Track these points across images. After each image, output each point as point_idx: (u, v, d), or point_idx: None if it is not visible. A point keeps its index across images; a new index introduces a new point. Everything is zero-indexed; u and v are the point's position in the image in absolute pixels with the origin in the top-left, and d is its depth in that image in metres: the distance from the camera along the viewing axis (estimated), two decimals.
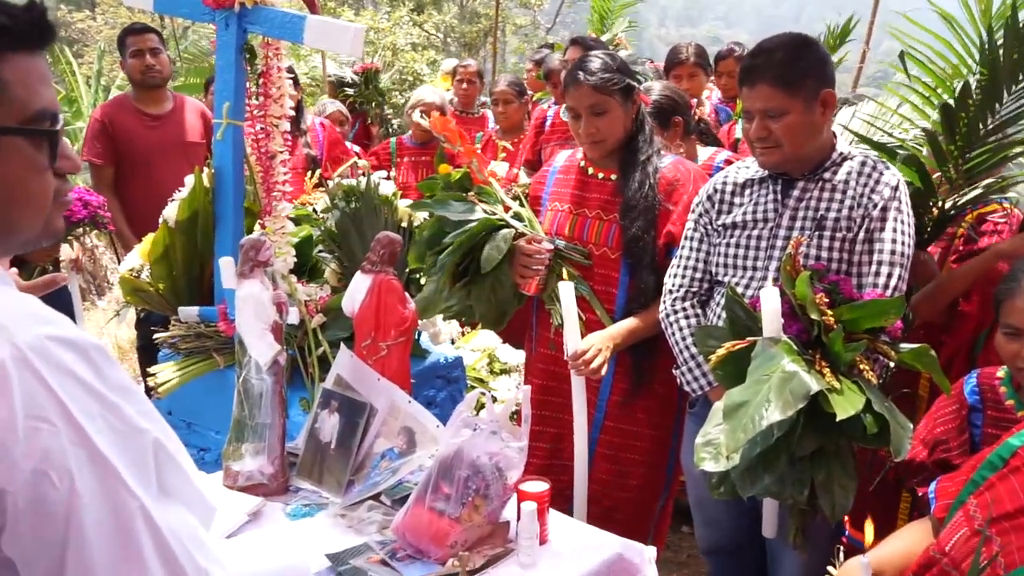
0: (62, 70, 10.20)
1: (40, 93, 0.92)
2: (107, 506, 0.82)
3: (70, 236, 3.28)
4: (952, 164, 2.32)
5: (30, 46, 0.92)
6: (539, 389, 2.49)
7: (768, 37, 2.06)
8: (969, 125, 2.25)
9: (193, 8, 2.60)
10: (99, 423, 0.83)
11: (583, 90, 2.30)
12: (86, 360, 0.84)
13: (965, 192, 2.33)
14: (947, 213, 2.34)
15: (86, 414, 0.82)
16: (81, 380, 0.83)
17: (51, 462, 0.80)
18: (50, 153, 0.94)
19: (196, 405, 2.70)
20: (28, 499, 0.80)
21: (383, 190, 2.75)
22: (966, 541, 1.38)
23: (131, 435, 0.86)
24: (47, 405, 0.81)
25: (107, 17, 14.27)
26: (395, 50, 11.88)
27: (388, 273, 2.00)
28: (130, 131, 3.82)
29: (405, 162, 4.53)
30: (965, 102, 2.23)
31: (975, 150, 2.28)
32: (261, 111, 2.60)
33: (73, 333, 0.85)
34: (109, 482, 0.83)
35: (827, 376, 1.76)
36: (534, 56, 5.74)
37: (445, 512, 1.64)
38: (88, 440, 0.82)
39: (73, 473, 0.81)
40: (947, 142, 2.30)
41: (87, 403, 0.83)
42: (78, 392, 0.82)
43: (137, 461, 0.86)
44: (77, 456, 0.81)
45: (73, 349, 0.84)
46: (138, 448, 0.86)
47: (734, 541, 2.30)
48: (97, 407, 0.84)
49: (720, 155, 2.92)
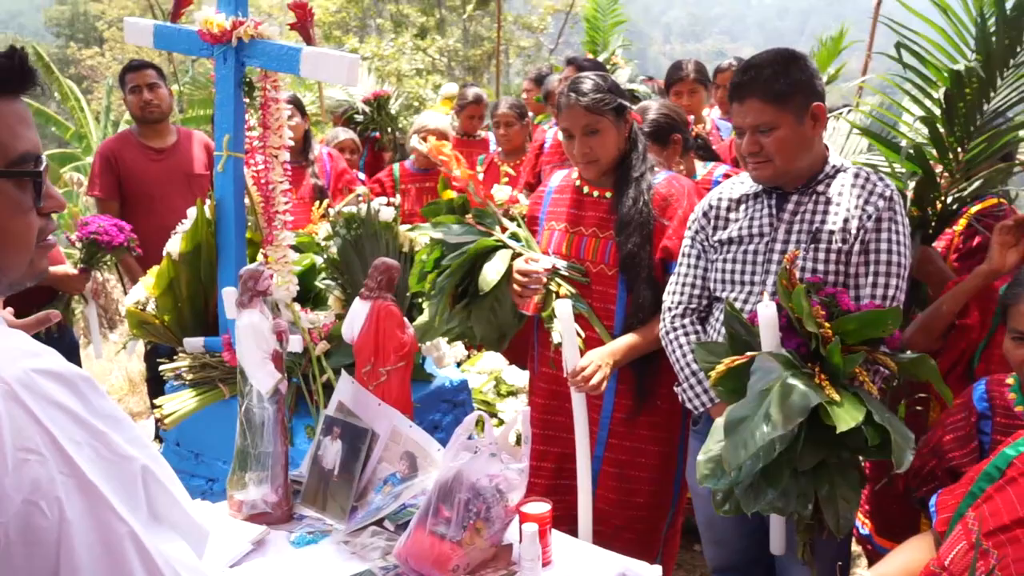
0: (71, 107, 10.37)
1: (23, 136, 0.95)
2: (96, 532, 0.84)
3: (101, 262, 3.34)
4: (952, 154, 2.31)
5: (11, 91, 0.94)
6: (542, 409, 2.49)
7: (756, 54, 2.08)
8: (967, 113, 2.25)
9: (192, 44, 2.64)
10: (87, 452, 0.85)
11: (576, 111, 2.33)
12: (73, 391, 0.86)
13: (965, 186, 2.33)
14: (949, 208, 2.34)
15: (74, 443, 0.84)
16: (68, 410, 0.85)
17: (41, 492, 0.82)
18: (35, 194, 0.96)
19: (203, 435, 2.72)
20: (19, 529, 0.81)
21: (383, 216, 2.78)
22: (964, 555, 1.37)
23: (119, 463, 0.88)
24: (35, 436, 0.82)
25: (115, 53, 14.50)
26: (399, 76, 12.00)
27: (386, 299, 2.01)
28: (134, 165, 3.87)
29: (409, 188, 4.56)
30: (961, 89, 2.23)
31: (974, 139, 2.28)
32: (261, 142, 2.63)
33: (59, 366, 0.87)
34: (98, 509, 0.84)
35: (827, 389, 1.75)
36: (530, 77, 5.77)
37: (446, 536, 1.64)
38: (76, 469, 0.83)
39: (62, 502, 0.82)
40: (947, 132, 2.30)
41: (74, 432, 0.84)
42: (65, 422, 0.84)
43: (126, 488, 0.87)
44: (66, 485, 0.83)
45: (59, 381, 0.86)
46: (126, 475, 0.88)
47: (743, 559, 2.28)
48: (85, 436, 0.85)
49: (718, 170, 2.93)
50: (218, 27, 2.53)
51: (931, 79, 2.37)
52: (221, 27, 2.52)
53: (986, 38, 2.19)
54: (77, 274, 3.25)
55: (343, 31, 14.15)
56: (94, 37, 21.13)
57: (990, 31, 2.18)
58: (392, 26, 14.59)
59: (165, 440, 2.94)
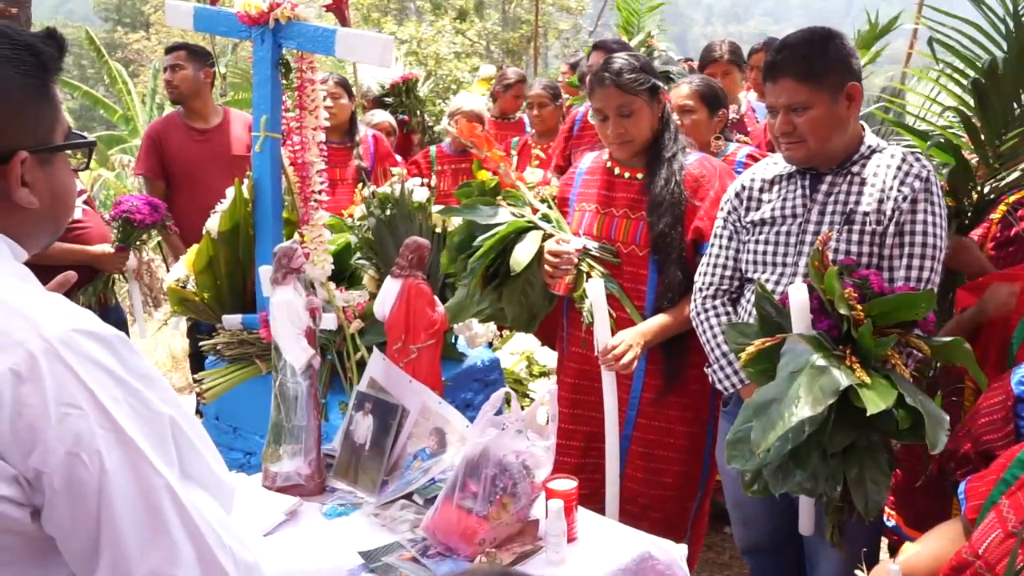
0: (119, 89, 10.58)
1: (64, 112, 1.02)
2: (135, 484, 0.89)
3: (138, 242, 3.42)
4: (988, 146, 2.28)
5: (58, 72, 1.01)
6: (571, 388, 2.51)
7: (791, 32, 2.05)
8: (1002, 105, 2.21)
9: (231, 26, 2.68)
10: (124, 408, 0.90)
11: (610, 91, 2.32)
12: (110, 350, 0.91)
13: (1003, 176, 2.28)
14: (986, 197, 2.30)
15: (112, 399, 0.89)
16: (106, 368, 0.90)
17: (82, 445, 0.87)
18: (88, 158, 1.06)
19: (241, 410, 2.79)
20: (63, 479, 0.87)
21: (417, 197, 2.80)
22: (1000, 543, 1.35)
23: (154, 419, 0.92)
24: (76, 392, 0.87)
25: (160, 37, 14.73)
26: (438, 59, 12.02)
27: (417, 277, 2.04)
28: (178, 146, 3.96)
29: (445, 169, 4.58)
30: (995, 80, 2.19)
31: (1010, 131, 2.24)
32: (297, 123, 2.67)
33: (97, 326, 0.92)
34: (136, 462, 0.89)
35: (858, 371, 1.74)
36: (569, 61, 5.75)
37: (473, 510, 1.67)
38: (115, 423, 0.88)
39: (102, 454, 0.87)
40: (981, 123, 2.27)
41: (112, 390, 0.89)
42: (104, 379, 0.89)
43: (161, 442, 0.92)
44: (105, 438, 0.88)
45: (98, 340, 0.90)
46: (160, 430, 0.93)
47: (772, 540, 2.28)
48: (122, 393, 0.90)
49: (742, 151, 2.91)
50: (256, 9, 2.56)
51: (964, 71, 2.34)
52: (259, 9, 2.56)
53: (1019, 27, 2.15)
54: (114, 253, 3.33)
55: (382, 13, 14.20)
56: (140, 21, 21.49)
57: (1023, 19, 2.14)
58: (431, 8, 14.59)
59: (205, 414, 3.02)
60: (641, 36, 5.09)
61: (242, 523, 1.02)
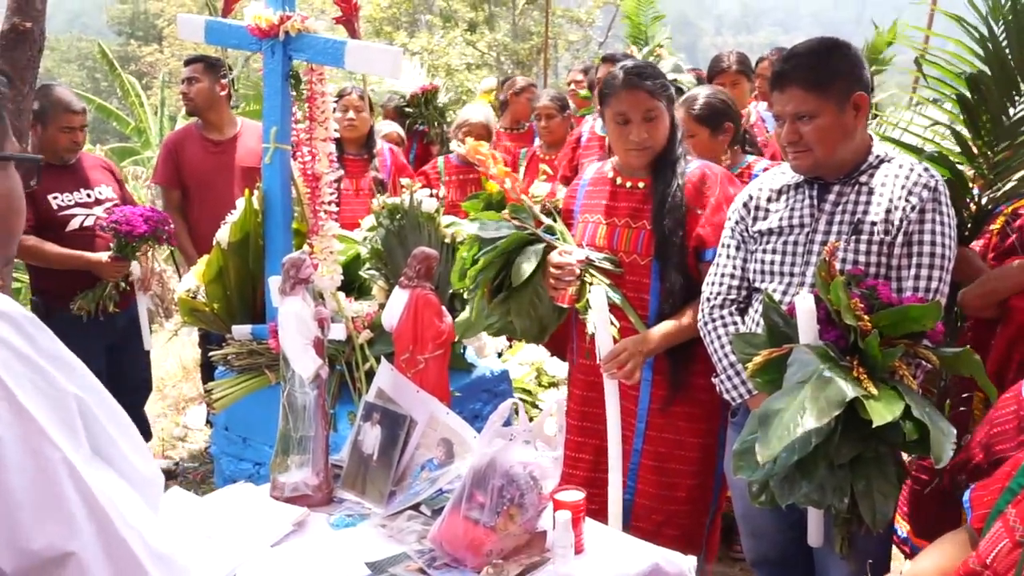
0: (132, 102, 10.67)
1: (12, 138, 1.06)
2: (30, 456, 0.89)
3: (138, 253, 3.45)
4: (982, 158, 2.28)
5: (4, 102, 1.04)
6: (580, 400, 2.51)
7: (799, 42, 2.06)
8: (992, 118, 2.22)
9: (241, 38, 2.72)
10: (25, 383, 0.90)
11: (638, 95, 2.30)
12: (18, 329, 0.92)
13: (999, 187, 2.28)
14: (985, 208, 2.30)
15: (12, 373, 0.89)
16: (11, 345, 0.91)
17: None
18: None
19: (250, 420, 2.80)
20: None
21: (426, 207, 2.82)
22: (1008, 553, 1.34)
23: (59, 397, 0.93)
24: None
25: (173, 50, 14.86)
26: (449, 70, 12.07)
27: (425, 288, 2.05)
28: (194, 156, 3.99)
29: (453, 180, 4.60)
30: (979, 94, 2.22)
31: (1002, 143, 2.25)
32: (307, 135, 2.70)
33: (6, 307, 0.93)
34: (31, 433, 0.89)
35: (864, 382, 1.73)
36: (577, 74, 5.76)
37: (480, 521, 1.67)
38: (11, 394, 0.89)
39: None
40: (972, 136, 2.28)
41: (14, 364, 0.90)
42: (7, 355, 0.90)
43: (64, 421, 0.92)
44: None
45: (5, 319, 0.92)
46: (64, 409, 0.93)
47: (781, 551, 2.27)
48: (24, 369, 0.91)
49: (759, 163, 2.90)
50: (266, 21, 2.59)
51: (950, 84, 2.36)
52: (269, 22, 2.59)
53: (997, 44, 2.20)
54: (108, 262, 3.35)
55: (394, 27, 14.28)
56: (153, 35, 21.69)
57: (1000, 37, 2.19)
58: (442, 21, 14.67)
59: (215, 425, 3.03)
60: (649, 47, 5.10)
61: (171, 520, 1.02)
